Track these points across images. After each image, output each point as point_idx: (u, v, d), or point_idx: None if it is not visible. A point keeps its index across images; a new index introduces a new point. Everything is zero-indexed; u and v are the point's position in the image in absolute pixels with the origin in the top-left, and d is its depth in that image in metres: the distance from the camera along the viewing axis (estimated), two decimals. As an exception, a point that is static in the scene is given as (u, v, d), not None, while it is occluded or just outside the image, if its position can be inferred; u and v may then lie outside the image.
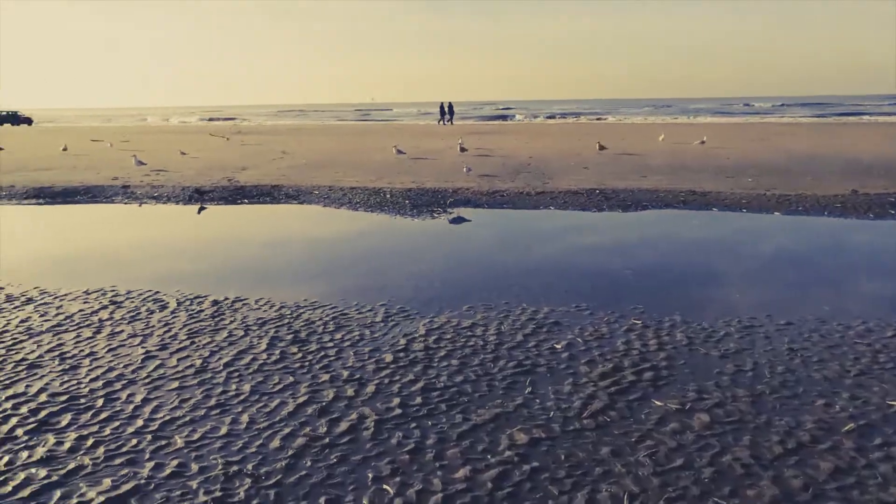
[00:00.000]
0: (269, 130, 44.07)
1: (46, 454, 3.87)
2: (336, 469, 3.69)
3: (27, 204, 14.18)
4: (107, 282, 7.62)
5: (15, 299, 6.96)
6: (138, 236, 11.05)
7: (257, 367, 5.11)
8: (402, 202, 12.80)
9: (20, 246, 10.29)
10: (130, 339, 5.76)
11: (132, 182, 15.70)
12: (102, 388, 4.76)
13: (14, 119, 62.66)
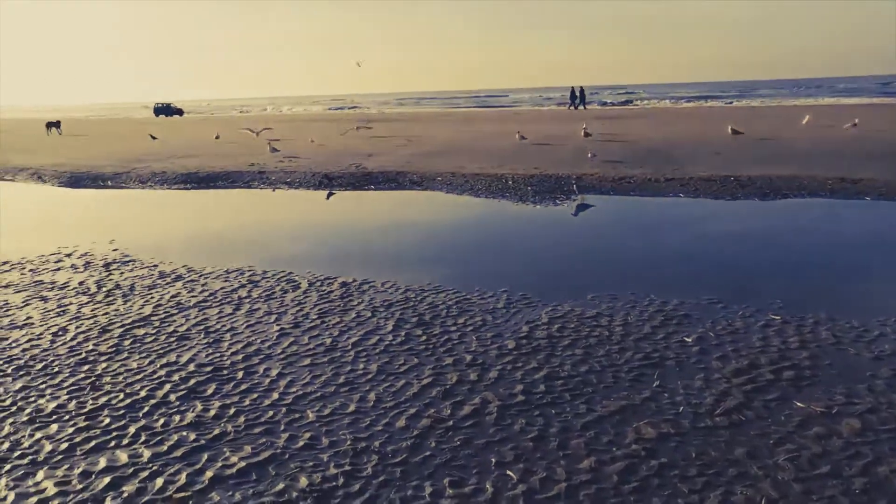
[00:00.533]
0: (393, 118, 45.13)
1: (195, 419, 4.19)
2: (460, 452, 3.73)
3: (176, 189, 15.36)
4: (245, 262, 8.11)
5: (167, 276, 7.56)
6: (272, 219, 11.68)
7: (383, 348, 5.26)
8: (525, 189, 12.71)
9: (170, 227, 11.17)
10: (266, 317, 6.10)
11: (267, 168, 16.59)
12: (242, 362, 5.08)
13: (167, 111, 68.34)
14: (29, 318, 6.21)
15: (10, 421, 4.21)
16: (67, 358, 5.23)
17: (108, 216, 12.48)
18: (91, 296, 6.88)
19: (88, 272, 7.84)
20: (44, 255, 8.71)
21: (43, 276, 7.69)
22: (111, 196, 14.92)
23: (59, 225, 11.54)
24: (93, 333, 5.76)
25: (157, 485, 3.50)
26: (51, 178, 17.44)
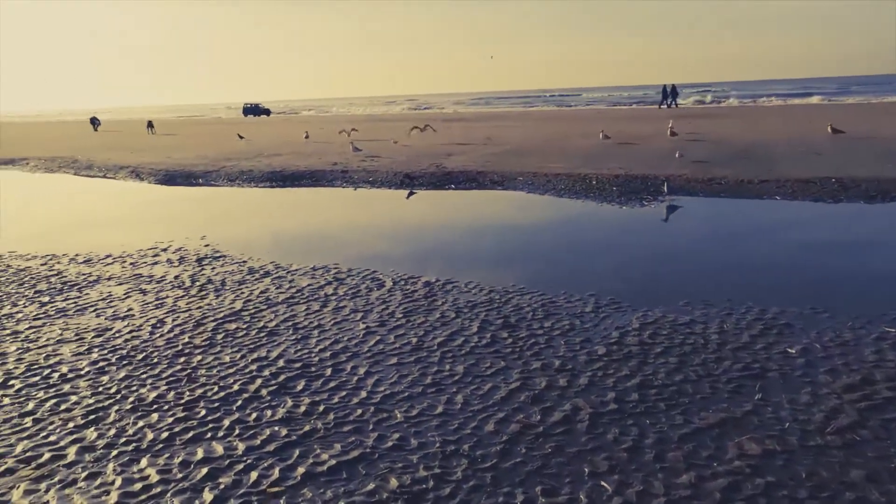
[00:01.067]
0: (469, 118, 45.15)
1: (286, 415, 4.25)
2: (551, 459, 3.63)
3: (263, 187, 15.83)
4: (330, 259, 8.24)
5: (256, 272, 7.77)
6: (355, 218, 11.85)
7: (469, 350, 5.21)
8: (610, 189, 12.41)
9: (258, 224, 11.49)
10: (352, 315, 6.16)
11: (350, 168, 16.87)
12: (330, 359, 5.13)
13: (256, 110, 70.97)
14: (130, 310, 6.50)
15: (116, 408, 4.39)
16: (165, 349, 5.43)
17: (200, 213, 12.98)
18: (185, 290, 7.14)
19: (182, 266, 8.15)
20: (142, 250, 9.12)
21: (142, 270, 8.05)
22: (202, 193, 15.52)
23: (155, 221, 12.08)
24: (188, 326, 5.96)
25: (251, 478, 3.56)
26: (147, 175, 18.31)
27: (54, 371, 5.04)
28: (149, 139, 33.24)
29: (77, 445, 3.93)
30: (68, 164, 22.10)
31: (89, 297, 6.99)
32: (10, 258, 8.88)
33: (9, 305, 6.75)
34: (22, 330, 6.00)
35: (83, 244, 9.61)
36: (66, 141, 33.32)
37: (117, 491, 3.46)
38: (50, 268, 8.27)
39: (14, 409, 4.41)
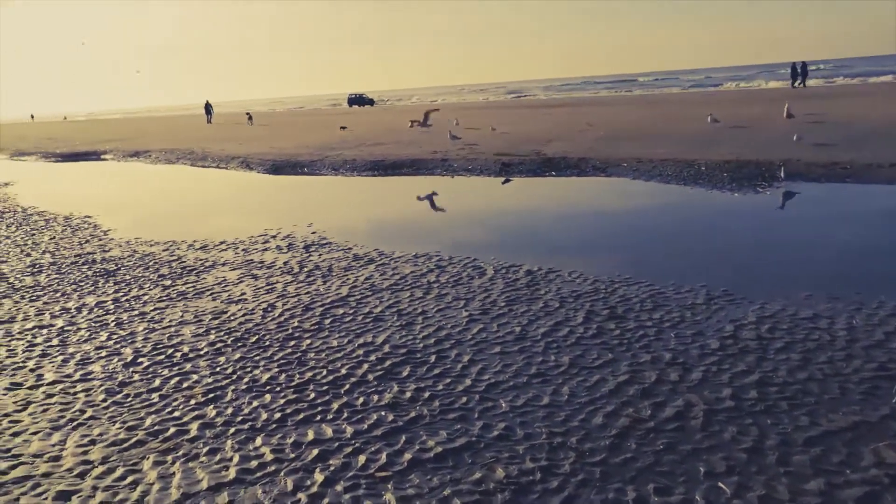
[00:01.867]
0: (569, 102, 44.29)
1: (392, 400, 4.30)
2: (664, 456, 3.49)
3: (365, 175, 16.17)
4: (432, 247, 8.29)
5: (360, 259, 7.93)
6: (455, 205, 11.88)
7: (574, 340, 5.09)
8: (720, 175, 11.83)
9: (361, 211, 11.75)
10: (455, 302, 6.17)
11: (449, 156, 16.93)
12: (434, 346, 5.16)
13: (360, 100, 72.83)
14: (243, 294, 6.79)
15: (232, 388, 4.59)
16: (276, 333, 5.63)
17: (306, 201, 13.42)
18: (294, 275, 7.39)
19: (291, 253, 8.44)
20: (253, 236, 9.51)
21: (253, 256, 8.39)
22: (308, 182, 16.03)
23: (265, 209, 12.60)
24: (297, 311, 6.16)
25: (360, 461, 3.62)
26: (256, 165, 19.11)
27: (177, 351, 5.34)
28: (254, 131, 34.63)
29: (199, 422, 4.13)
30: (185, 156, 23.42)
31: (206, 281, 7.36)
32: (137, 244, 9.50)
33: (136, 288, 7.21)
34: (148, 311, 6.39)
35: (200, 231, 10.14)
36: (182, 133, 35.31)
37: (235, 467, 3.61)
38: (171, 253, 8.77)
39: (143, 385, 4.70)
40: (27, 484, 3.51)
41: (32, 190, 17.40)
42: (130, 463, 3.69)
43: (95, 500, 3.35)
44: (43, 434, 4.05)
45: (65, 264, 8.44)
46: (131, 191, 17.15)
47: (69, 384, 4.78)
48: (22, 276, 7.94)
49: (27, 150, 33.03)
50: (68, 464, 3.70)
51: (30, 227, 11.41)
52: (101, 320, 6.19)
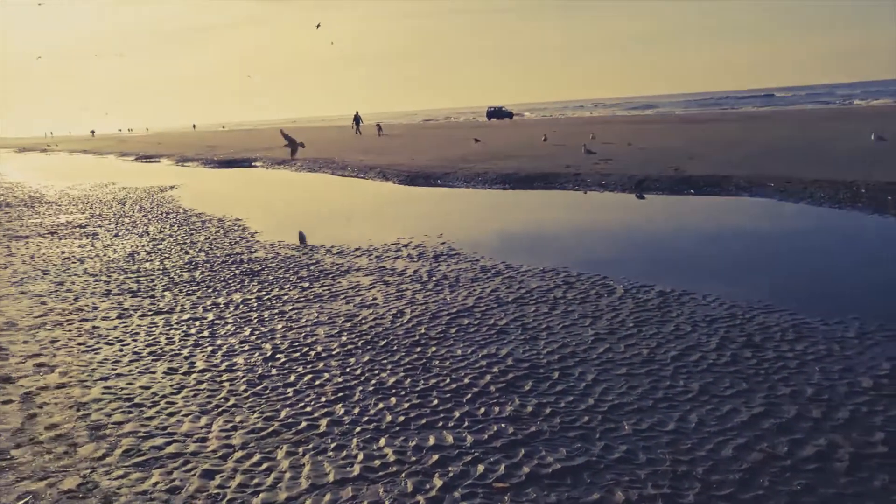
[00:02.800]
0: (710, 118, 42.28)
1: (513, 413, 4.32)
2: (801, 498, 3.26)
3: (496, 188, 16.31)
4: (560, 262, 8.23)
5: (487, 271, 8.02)
6: (585, 221, 11.71)
7: (706, 367, 4.88)
8: (883, 199, 10.85)
9: (490, 224, 11.86)
10: (581, 320, 6.08)
11: (582, 171, 16.71)
12: (557, 362, 5.12)
13: (499, 114, 73.61)
14: (374, 299, 7.07)
15: (360, 389, 4.80)
16: (404, 338, 5.81)
17: (438, 212, 13.74)
18: (423, 284, 7.59)
19: (421, 262, 8.68)
20: (386, 244, 9.88)
21: (385, 263, 8.71)
22: (440, 193, 16.40)
23: (398, 218, 13.03)
24: (424, 319, 6.33)
25: (478, 471, 3.67)
26: (392, 176, 19.81)
27: (311, 349, 5.65)
28: (392, 142, 35.86)
29: (328, 419, 4.35)
30: (327, 165, 24.69)
31: (341, 285, 7.73)
32: (280, 247, 10.14)
33: (277, 288, 7.71)
34: (287, 311, 6.81)
35: (337, 237, 10.66)
36: (325, 144, 37.26)
37: (360, 464, 3.77)
38: (310, 257, 9.29)
39: (279, 380, 5.02)
40: (179, 460, 3.86)
41: (192, 193, 19.04)
42: (266, 450, 3.96)
43: (235, 481, 3.63)
44: (193, 416, 4.43)
45: (217, 263, 9.17)
46: (277, 196, 18.34)
47: (216, 373, 5.19)
48: (181, 272, 8.71)
49: (190, 156, 36.19)
50: (213, 445, 4.03)
51: (189, 227, 12.49)
52: (246, 316, 6.66)
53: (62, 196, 19.48)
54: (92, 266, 9.28)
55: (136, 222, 13.44)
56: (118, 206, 16.22)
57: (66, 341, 6.06)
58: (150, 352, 5.72)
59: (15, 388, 4.96)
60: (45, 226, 13.48)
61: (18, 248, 10.93)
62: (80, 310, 7.09)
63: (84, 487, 3.57)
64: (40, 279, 8.60)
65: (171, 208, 15.43)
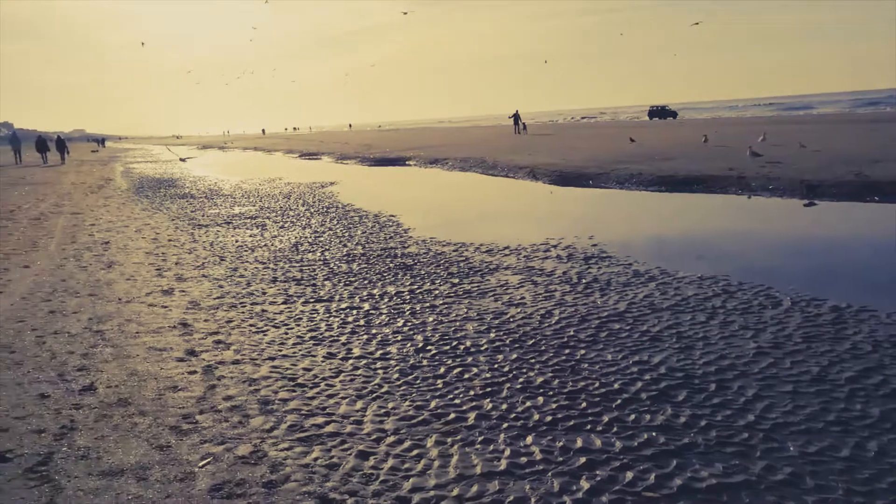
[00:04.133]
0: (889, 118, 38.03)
1: (665, 423, 4.17)
2: None
3: (651, 191, 15.74)
4: (719, 270, 7.81)
5: (640, 275, 7.77)
6: (748, 229, 10.99)
7: (890, 391, 4.43)
8: None
9: (644, 228, 11.47)
10: (742, 331, 5.74)
11: (747, 174, 15.69)
12: (715, 374, 4.87)
13: (662, 113, 70.82)
14: (522, 299, 7.08)
15: (508, 386, 4.84)
16: (552, 339, 5.78)
17: (589, 213, 13.50)
18: (572, 286, 7.50)
19: (570, 263, 8.58)
20: (535, 244, 9.86)
21: (534, 263, 8.70)
22: (591, 194, 16.10)
23: (547, 218, 12.95)
24: (573, 321, 6.26)
25: (626, 477, 3.58)
26: (542, 176, 19.71)
27: (460, 344, 5.77)
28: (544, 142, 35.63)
29: (476, 412, 4.44)
30: (478, 165, 25.04)
31: (489, 282, 7.83)
32: (431, 243, 10.44)
33: (428, 283, 7.94)
34: (438, 305, 7.00)
35: (486, 235, 10.80)
36: (477, 144, 37.81)
37: (506, 459, 3.81)
38: (460, 254, 9.48)
39: (430, 371, 5.18)
40: (336, 440, 4.11)
41: (350, 189, 20.07)
42: (416, 438, 4.10)
43: (387, 464, 3.80)
44: (349, 400, 4.69)
45: (372, 256, 9.61)
46: (428, 194, 18.87)
47: (371, 360, 5.45)
48: (339, 263, 9.22)
49: (348, 154, 38.17)
50: (367, 429, 4.24)
51: (347, 221, 13.18)
52: (399, 308, 6.93)
53: (236, 189, 21.27)
54: (261, 255, 10.06)
55: (299, 215, 14.38)
56: (284, 200, 17.43)
57: (239, 322, 6.63)
58: (312, 336, 6.11)
59: (198, 361, 5.50)
60: (221, 216, 14.79)
61: (200, 236, 12.08)
62: (251, 294, 7.72)
63: (255, 455, 3.90)
64: (218, 264, 9.46)
65: (331, 203, 16.35)
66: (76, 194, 21.30)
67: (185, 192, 20.90)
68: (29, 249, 11.11)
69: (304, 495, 3.48)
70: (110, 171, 34.87)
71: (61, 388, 4.97)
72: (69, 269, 9.35)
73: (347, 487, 3.55)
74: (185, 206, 16.96)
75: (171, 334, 6.25)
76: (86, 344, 6.00)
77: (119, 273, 9.05)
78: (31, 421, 4.40)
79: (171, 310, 7.10)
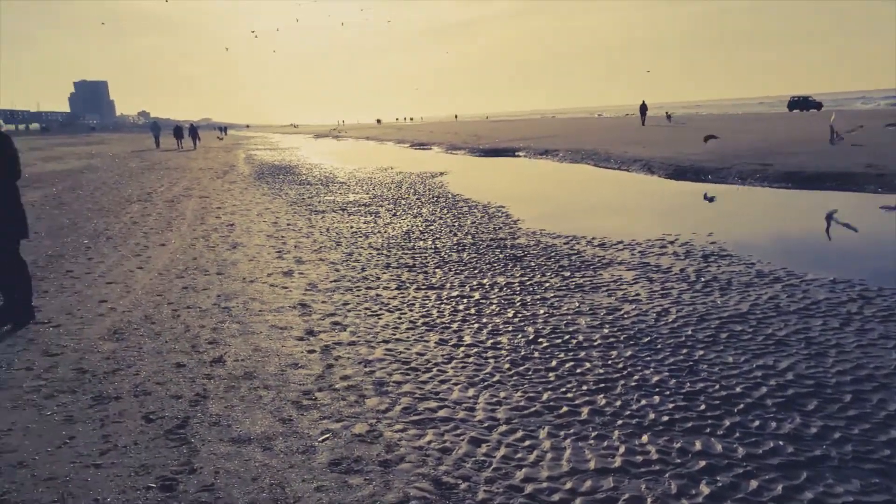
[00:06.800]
0: None
1: (792, 432, 3.93)
2: None
3: (777, 187, 14.87)
4: (854, 273, 7.29)
5: (764, 276, 7.37)
6: (889, 230, 10.15)
7: None
8: None
9: (769, 226, 10.85)
10: (882, 340, 5.32)
11: (888, 170, 14.51)
12: (850, 384, 4.54)
13: (804, 104, 66.82)
14: (637, 295, 6.89)
15: (622, 383, 4.72)
16: (668, 338, 5.59)
17: (707, 208, 12.92)
18: (690, 284, 7.21)
19: (688, 261, 8.25)
20: (650, 240, 9.55)
21: (649, 259, 8.44)
22: (710, 189, 15.40)
23: (663, 213, 12.52)
24: (691, 320, 6.02)
25: (750, 486, 3.41)
26: (658, 169, 19.07)
27: (572, 338, 5.69)
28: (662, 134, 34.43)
29: (589, 407, 4.36)
30: (589, 156, 24.56)
31: (602, 277, 7.66)
32: (541, 235, 10.35)
33: (539, 275, 7.87)
34: (549, 297, 6.93)
35: (598, 229, 10.57)
36: (590, 135, 37.07)
37: (621, 457, 3.72)
38: (571, 247, 9.34)
39: (541, 363, 5.15)
40: (449, 424, 4.16)
41: (459, 179, 20.22)
42: (529, 428, 4.09)
43: (500, 452, 3.80)
44: (461, 387, 4.73)
45: (482, 246, 9.64)
46: (538, 186, 18.69)
47: (482, 349, 5.48)
48: (450, 252, 9.31)
49: (458, 144, 38.46)
50: (479, 416, 4.27)
51: (457, 211, 13.28)
52: (509, 299, 6.92)
53: (350, 177, 21.95)
54: (374, 241, 10.33)
55: (410, 204, 14.65)
56: (395, 189, 17.81)
57: (354, 305, 6.84)
58: (424, 322, 6.22)
59: (317, 341, 5.73)
60: (336, 203, 15.31)
61: (317, 221, 12.56)
62: (365, 279, 7.95)
63: (371, 434, 4.02)
64: (334, 249, 9.80)
65: (441, 193, 16.54)
66: (204, 179, 22.71)
67: (301, 179, 21.78)
68: (164, 229, 11.96)
69: (418, 476, 3.54)
70: (234, 158, 36.91)
71: (195, 358, 5.32)
72: (199, 249, 9.99)
73: (461, 472, 3.59)
74: (302, 193, 17.68)
75: (291, 314, 6.54)
76: (215, 319, 6.38)
77: (243, 254, 9.56)
78: (170, 387, 4.74)
79: (291, 290, 7.43)
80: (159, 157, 37.85)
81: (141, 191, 18.76)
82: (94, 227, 12.17)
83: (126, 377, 4.93)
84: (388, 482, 3.49)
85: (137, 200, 16.43)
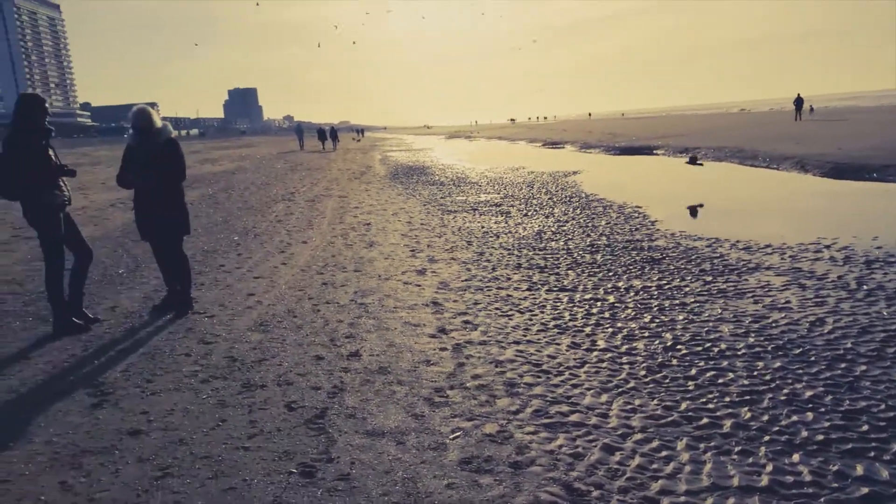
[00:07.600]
0: None
1: (976, 462, 3.49)
2: None
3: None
4: None
5: None
6: None
7: None
8: None
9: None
10: None
11: None
12: None
13: None
14: (787, 303, 6.41)
15: (769, 396, 4.40)
16: (824, 350, 5.14)
17: (870, 210, 11.82)
18: (850, 292, 6.62)
19: (848, 267, 7.57)
20: (802, 244, 8.87)
21: (801, 264, 7.83)
22: (875, 189, 14.07)
23: (818, 215, 11.58)
24: (851, 332, 5.51)
25: (923, 520, 3.06)
26: (812, 167, 17.67)
27: (714, 346, 5.38)
28: (819, 129, 31.89)
29: (732, 420, 4.10)
30: (734, 154, 23.20)
31: (747, 283, 7.20)
32: (680, 237, 9.89)
33: (678, 279, 7.53)
34: (688, 303, 6.61)
35: (743, 231, 9.96)
36: (734, 131, 35.02)
37: (767, 475, 3.47)
38: (713, 250, 8.85)
39: (679, 371, 4.91)
40: (582, 429, 4.06)
41: (593, 179, 19.79)
42: (665, 439, 3.91)
43: (634, 462, 3.66)
44: (594, 392, 4.61)
45: (617, 248, 9.36)
46: (677, 185, 17.87)
47: (616, 354, 5.31)
48: (583, 253, 9.12)
49: (592, 143, 37.69)
50: (613, 423, 4.14)
51: (590, 211, 13.00)
52: (646, 303, 6.66)
53: (481, 177, 22.09)
54: (505, 241, 10.32)
55: (542, 204, 14.51)
56: (527, 189, 17.71)
57: (485, 305, 6.87)
58: (556, 325, 6.12)
59: (448, 339, 5.81)
60: (468, 203, 15.46)
61: (449, 221, 12.75)
62: (496, 279, 7.96)
63: (501, 435, 4.01)
64: (465, 249, 9.89)
65: (574, 192, 16.26)
66: (342, 180, 23.75)
67: (434, 180, 22.21)
68: (305, 227, 12.63)
69: (548, 480, 3.49)
70: (370, 159, 38.33)
71: (333, 352, 5.56)
72: (337, 247, 10.45)
73: (593, 479, 3.49)
74: (434, 193, 18.03)
75: (423, 311, 6.68)
76: (352, 315, 6.64)
77: (378, 252, 9.89)
78: (310, 378, 4.99)
79: (423, 289, 7.59)
80: (302, 158, 40.05)
81: (285, 191, 19.93)
82: (244, 225, 13.07)
83: (270, 367, 5.24)
84: (518, 484, 3.46)
85: (282, 200, 17.46)
